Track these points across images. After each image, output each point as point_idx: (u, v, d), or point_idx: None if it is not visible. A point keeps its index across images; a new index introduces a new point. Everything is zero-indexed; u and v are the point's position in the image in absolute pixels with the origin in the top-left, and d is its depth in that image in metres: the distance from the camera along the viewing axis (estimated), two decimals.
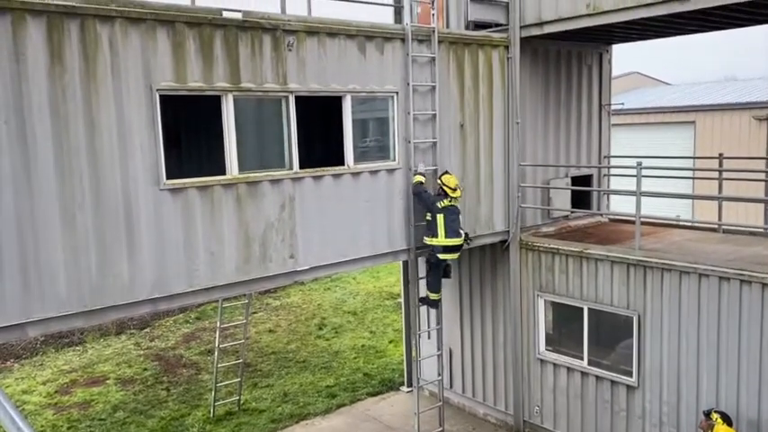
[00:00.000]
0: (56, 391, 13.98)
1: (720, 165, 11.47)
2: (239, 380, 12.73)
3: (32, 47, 6.01)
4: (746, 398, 8.07)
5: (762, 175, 14.42)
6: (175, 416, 12.53)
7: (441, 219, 9.00)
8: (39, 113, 6.10)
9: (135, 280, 6.85)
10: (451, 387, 12.27)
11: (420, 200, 9.12)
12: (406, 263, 12.25)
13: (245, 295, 11.94)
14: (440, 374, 10.57)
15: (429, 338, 11.41)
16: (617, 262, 9.34)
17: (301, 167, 8.10)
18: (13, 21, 5.89)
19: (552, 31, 9.87)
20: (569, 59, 11.62)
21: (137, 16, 6.58)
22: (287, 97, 7.91)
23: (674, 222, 12.31)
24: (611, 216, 12.67)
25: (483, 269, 11.50)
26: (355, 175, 8.69)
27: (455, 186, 9.14)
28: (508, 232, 10.75)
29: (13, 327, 6.20)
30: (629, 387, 9.41)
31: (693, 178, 14.75)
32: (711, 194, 13.47)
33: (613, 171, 13.22)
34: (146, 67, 6.71)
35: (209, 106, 7.45)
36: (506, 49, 10.31)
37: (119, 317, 7.23)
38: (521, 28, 10.18)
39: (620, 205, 18.15)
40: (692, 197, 18.71)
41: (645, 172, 9.34)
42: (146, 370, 15.04)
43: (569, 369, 10.22)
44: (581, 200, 12.08)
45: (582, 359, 10.00)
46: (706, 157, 18.48)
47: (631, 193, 9.58)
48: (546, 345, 10.64)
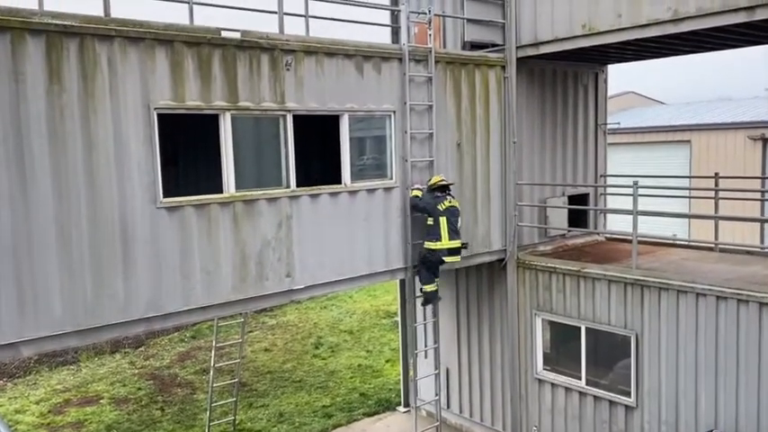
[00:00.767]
0: (49, 411, 13.83)
1: (716, 184, 11.51)
2: (234, 399, 12.61)
3: (31, 66, 6.03)
4: (745, 418, 8.03)
5: (757, 195, 14.47)
6: None
7: (444, 221, 8.99)
8: (36, 132, 6.10)
9: (130, 299, 6.80)
10: (449, 407, 12.18)
11: (419, 209, 9.10)
12: (403, 281, 12.21)
13: (240, 314, 11.87)
14: (437, 394, 10.49)
15: (426, 358, 11.34)
16: (614, 281, 9.33)
17: (298, 186, 8.11)
18: (13, 40, 5.91)
19: (548, 51, 9.95)
20: (565, 79, 11.71)
21: (135, 35, 6.62)
22: (285, 116, 7.93)
23: (671, 241, 12.33)
24: (607, 235, 12.68)
25: (480, 288, 11.47)
26: (352, 193, 8.69)
27: (440, 181, 9.11)
28: (505, 251, 10.74)
29: (6, 346, 6.15)
30: (627, 407, 9.35)
31: (689, 197, 14.79)
32: (708, 213, 13.50)
33: (610, 190, 13.26)
34: (144, 86, 6.73)
35: (206, 125, 7.47)
36: (503, 68, 10.39)
37: (113, 336, 7.18)
38: (517, 48, 10.26)
39: (617, 224, 18.19)
40: (689, 216, 18.76)
41: (641, 191, 9.37)
42: (140, 389, 14.91)
43: (567, 389, 10.16)
44: (578, 219, 12.10)
45: (580, 379, 9.95)
46: (702, 176, 18.56)
47: (628, 212, 9.60)
48: (544, 364, 10.58)
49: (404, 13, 9.13)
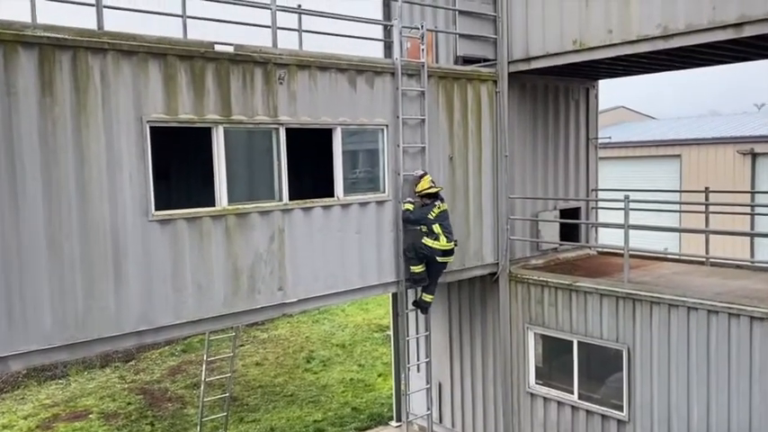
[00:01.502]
0: (37, 426, 13.67)
1: (707, 198, 11.60)
2: (225, 414, 12.51)
3: (23, 78, 6.03)
4: None
5: (747, 209, 14.58)
6: None
7: (438, 228, 9.06)
8: (28, 144, 6.08)
9: (121, 312, 6.76)
10: (441, 422, 12.12)
11: (411, 222, 9.12)
12: (395, 295, 12.20)
13: (232, 328, 11.81)
14: (429, 409, 10.44)
15: (418, 372, 11.30)
16: (606, 295, 9.36)
17: (291, 199, 8.10)
18: (5, 52, 5.91)
19: (539, 66, 10.03)
20: (557, 94, 11.80)
21: (129, 49, 6.63)
22: (277, 129, 7.95)
23: (662, 255, 12.38)
24: (599, 249, 12.72)
25: (473, 301, 11.47)
26: (345, 206, 8.70)
27: (429, 186, 9.12)
28: (497, 264, 10.75)
29: None
30: (619, 421, 9.33)
31: (680, 211, 14.89)
32: (698, 227, 13.58)
33: (601, 204, 13.32)
34: (137, 99, 6.73)
35: (199, 138, 7.47)
36: (495, 83, 10.46)
37: (104, 350, 7.12)
38: (509, 63, 10.34)
39: (609, 238, 18.27)
40: (680, 230, 18.86)
41: (632, 205, 9.43)
42: (130, 404, 14.77)
43: (560, 403, 10.14)
44: (569, 232, 12.15)
45: (572, 393, 9.93)
46: (692, 190, 18.70)
47: (619, 226, 9.64)
48: (536, 378, 10.57)
49: (396, 28, 9.19)
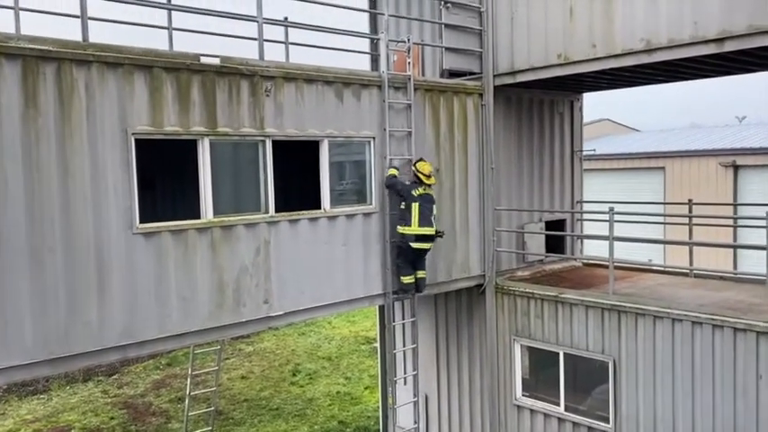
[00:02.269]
0: None
1: (690, 210, 11.71)
2: (210, 429, 12.37)
3: (6, 90, 5.97)
4: None
5: (730, 221, 14.73)
6: None
7: (416, 207, 8.90)
8: (10, 156, 6.02)
9: (104, 326, 6.68)
10: None
11: (394, 189, 9.04)
12: (382, 307, 12.17)
13: (217, 341, 11.71)
14: (416, 422, 10.39)
15: (405, 384, 11.26)
16: (591, 306, 9.39)
17: (277, 211, 8.08)
18: None
19: (524, 79, 10.12)
20: (542, 107, 11.90)
21: (114, 61, 6.60)
22: (264, 141, 7.93)
23: (647, 266, 12.46)
24: (584, 260, 12.79)
25: (459, 314, 11.47)
26: (332, 218, 8.68)
27: (429, 173, 9.12)
28: (484, 276, 10.77)
29: None
30: None
31: (664, 223, 15.02)
32: (682, 239, 13.70)
33: (586, 216, 13.41)
34: (122, 112, 6.70)
35: (184, 150, 7.43)
36: (480, 96, 10.53)
37: (87, 365, 7.03)
38: (494, 76, 10.42)
39: (594, 249, 18.38)
40: (664, 242, 19.03)
41: (617, 217, 9.49)
42: (113, 419, 14.57)
43: (546, 415, 10.14)
44: (555, 244, 12.21)
45: (558, 405, 9.94)
46: (676, 202, 18.89)
47: (604, 238, 9.70)
48: (523, 390, 10.56)
49: (383, 41, 9.23)
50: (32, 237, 6.17)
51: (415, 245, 9.01)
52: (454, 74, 10.53)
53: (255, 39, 8.03)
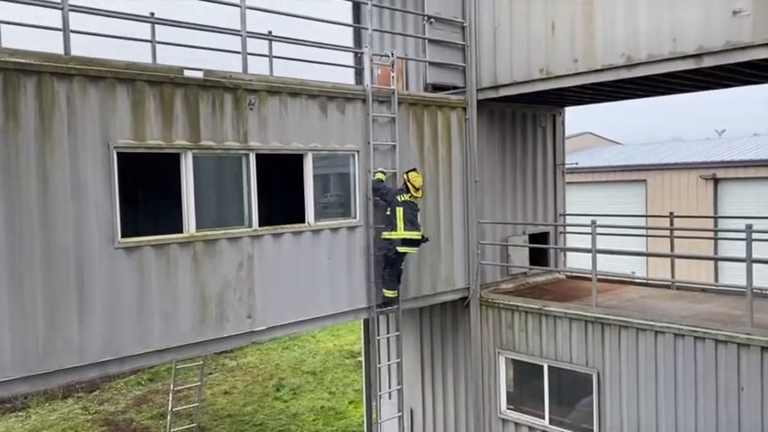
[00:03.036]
0: None
1: (671, 223, 11.83)
2: None
3: None
4: None
5: (711, 233, 14.92)
6: None
7: (400, 212, 8.97)
8: None
9: (85, 342, 6.58)
10: None
11: (380, 194, 9.08)
12: (367, 321, 12.13)
13: (200, 356, 11.59)
14: None
15: (390, 399, 11.19)
16: (575, 319, 9.43)
17: (261, 225, 8.04)
18: None
19: (507, 94, 10.21)
20: (524, 121, 12.00)
21: (96, 74, 6.55)
22: (247, 155, 7.91)
23: (630, 279, 12.55)
24: (568, 273, 12.86)
25: (444, 327, 11.46)
26: (316, 232, 8.66)
27: (419, 186, 9.21)
28: (468, 289, 10.78)
29: None
30: None
31: (647, 236, 15.15)
32: (664, 252, 13.83)
33: (569, 228, 13.50)
34: (104, 125, 6.64)
35: (167, 164, 7.38)
36: (464, 110, 10.60)
37: (66, 381, 6.91)
38: (477, 90, 10.50)
39: (577, 260, 18.50)
40: (646, 254, 19.18)
41: (599, 230, 9.56)
42: None
43: (531, 428, 10.13)
44: (539, 257, 12.26)
45: (543, 418, 9.94)
46: (658, 215, 19.08)
47: (587, 251, 9.76)
48: (507, 403, 10.55)
49: (367, 55, 9.27)
50: (11, 252, 6.08)
51: (402, 249, 9.06)
52: (438, 88, 10.60)
53: (239, 52, 8.03)
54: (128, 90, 6.80)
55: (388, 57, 9.70)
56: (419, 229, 9.21)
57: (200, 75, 7.39)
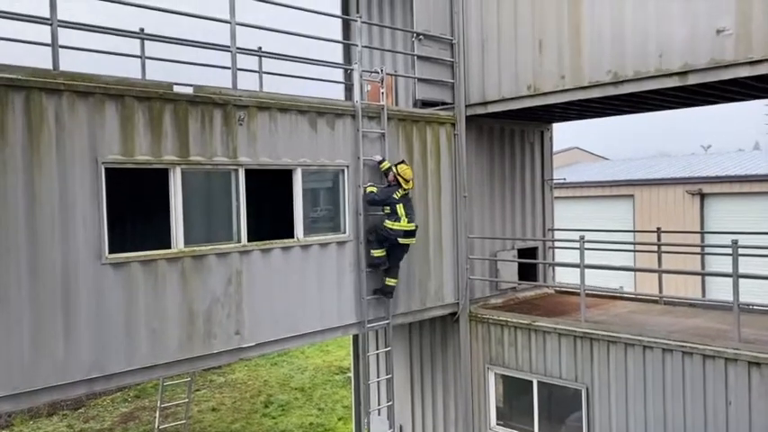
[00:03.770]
0: None
1: (659, 238, 11.92)
2: None
3: None
4: None
5: (697, 248, 15.04)
6: None
7: (401, 207, 9.08)
8: None
9: (71, 359, 6.51)
10: None
11: (377, 203, 9.14)
12: (356, 336, 12.08)
13: (187, 372, 11.48)
14: None
15: (380, 415, 11.13)
16: (564, 334, 9.45)
17: (250, 240, 8.01)
18: None
19: (496, 110, 10.29)
20: (513, 136, 12.08)
21: (85, 90, 6.54)
22: (237, 170, 7.90)
23: (618, 294, 12.61)
24: (557, 288, 12.89)
25: (434, 343, 11.43)
26: (305, 247, 8.64)
27: (409, 179, 9.25)
28: (458, 304, 10.78)
29: None
30: None
31: (634, 251, 15.24)
32: (652, 267, 13.90)
33: (558, 243, 13.56)
34: (92, 141, 6.62)
35: (156, 179, 7.36)
36: (453, 126, 10.66)
37: (51, 399, 6.81)
38: (466, 107, 10.58)
39: (566, 274, 18.57)
40: (634, 269, 19.30)
41: (587, 245, 9.61)
42: None
43: None
44: (527, 272, 12.29)
45: None
46: (645, 230, 19.20)
47: (575, 266, 9.80)
48: (497, 419, 10.52)
49: (357, 71, 9.32)
50: None
51: (403, 240, 9.16)
52: (427, 104, 10.66)
53: (229, 68, 8.04)
54: (117, 106, 6.79)
55: (377, 73, 9.75)
56: (414, 220, 9.32)
57: (189, 90, 7.39)
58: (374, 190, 9.17)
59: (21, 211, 6.17)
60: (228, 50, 7.99)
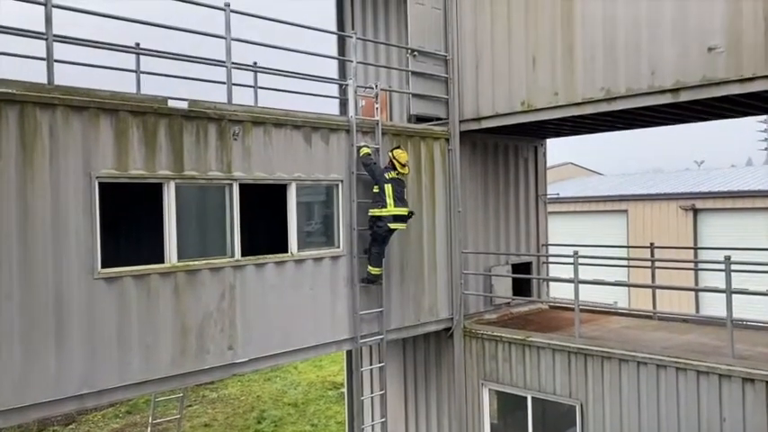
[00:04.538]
0: None
1: (652, 254, 11.95)
2: None
3: None
4: None
5: (691, 264, 15.08)
6: None
7: (389, 189, 8.98)
8: None
9: (62, 375, 6.45)
10: None
11: (368, 170, 9.07)
12: (350, 352, 12.03)
13: (179, 388, 11.39)
14: None
15: (373, 431, 11.06)
16: (558, 350, 9.43)
17: (243, 255, 7.99)
18: None
19: (490, 125, 10.34)
20: (507, 152, 12.13)
21: (79, 104, 6.55)
22: (231, 185, 7.90)
23: (612, 309, 12.61)
24: (551, 303, 12.88)
25: (428, 358, 11.39)
26: (299, 262, 8.62)
27: (405, 162, 9.22)
28: (452, 319, 10.76)
29: None
30: None
31: (628, 267, 15.27)
32: (646, 282, 13.93)
33: (552, 258, 13.57)
34: (86, 155, 6.62)
35: (149, 193, 7.35)
36: (447, 141, 10.70)
37: (42, 415, 6.74)
38: (460, 122, 10.63)
39: (560, 289, 18.56)
40: (628, 285, 19.31)
41: (581, 260, 9.62)
42: None
43: None
44: (521, 287, 12.29)
45: None
46: (638, 246, 19.25)
47: (569, 281, 9.81)
48: None
49: (351, 87, 9.36)
50: None
51: (393, 225, 9.07)
52: (421, 119, 10.71)
53: (224, 83, 8.07)
54: (111, 120, 6.80)
55: (372, 88, 9.80)
56: (407, 205, 9.26)
57: (184, 105, 7.41)
58: (369, 152, 9.13)
59: (13, 224, 6.14)
60: (224, 65, 8.02)
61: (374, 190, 9.12)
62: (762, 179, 23.49)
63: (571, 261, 9.63)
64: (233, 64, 8.07)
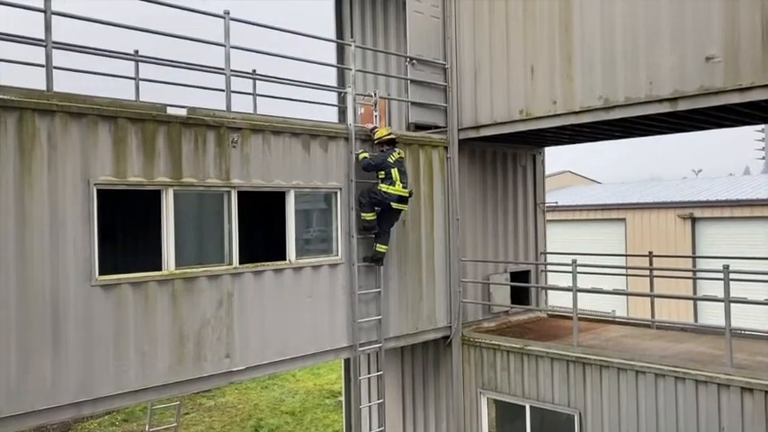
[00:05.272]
0: None
1: (650, 262, 11.94)
2: None
3: None
4: None
5: (689, 273, 15.07)
6: None
7: (395, 172, 8.99)
8: None
9: (58, 383, 6.42)
10: None
11: (372, 168, 9.05)
12: (348, 360, 11.98)
13: (176, 396, 11.34)
14: None
15: None
16: (556, 359, 9.41)
17: (241, 262, 7.98)
18: None
19: (488, 134, 10.35)
20: (505, 160, 12.14)
21: (78, 111, 6.55)
22: (229, 192, 7.89)
23: (610, 318, 12.59)
24: (549, 311, 12.86)
25: (426, 367, 11.35)
26: (297, 270, 8.60)
27: (389, 132, 9.25)
28: (450, 328, 10.73)
29: None
30: None
31: (626, 275, 15.26)
32: (644, 291, 13.91)
33: (550, 267, 13.56)
34: (84, 162, 6.61)
35: (148, 200, 7.35)
36: (446, 149, 10.71)
37: (38, 423, 6.69)
38: (459, 130, 10.64)
39: (559, 297, 18.54)
40: (626, 294, 19.33)
41: (580, 268, 9.61)
42: None
43: None
44: (520, 295, 12.26)
45: None
46: (637, 254, 19.26)
47: (567, 290, 9.80)
48: None
49: (350, 95, 9.37)
50: None
51: (396, 205, 9.06)
52: (420, 127, 10.72)
53: (223, 90, 8.08)
54: (110, 127, 6.80)
55: (371, 96, 9.81)
56: (408, 186, 9.24)
57: (183, 112, 7.41)
58: (367, 155, 9.13)
59: (11, 230, 6.13)
60: (223, 73, 8.03)
61: (380, 176, 9.08)
62: (760, 188, 23.54)
63: (570, 269, 9.63)
64: (232, 71, 8.08)
